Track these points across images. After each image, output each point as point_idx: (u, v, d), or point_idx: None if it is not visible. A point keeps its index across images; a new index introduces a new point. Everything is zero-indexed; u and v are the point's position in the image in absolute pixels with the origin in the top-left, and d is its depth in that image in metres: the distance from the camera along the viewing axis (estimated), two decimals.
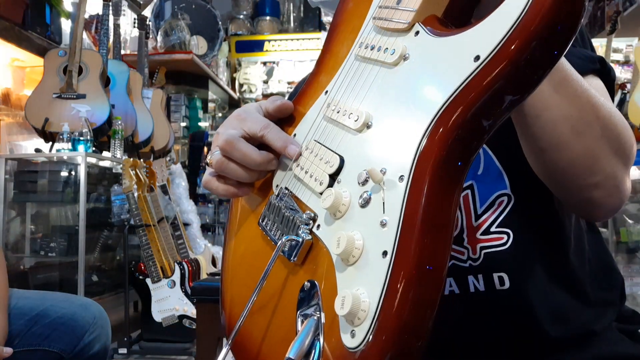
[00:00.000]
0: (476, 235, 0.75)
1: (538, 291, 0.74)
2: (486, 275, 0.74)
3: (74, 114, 2.88)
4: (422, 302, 0.47)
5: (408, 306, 0.46)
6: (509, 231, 0.74)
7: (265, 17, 5.98)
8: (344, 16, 0.71)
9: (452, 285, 0.75)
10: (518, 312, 0.74)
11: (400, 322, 0.46)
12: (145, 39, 3.91)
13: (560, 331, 0.74)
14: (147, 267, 2.95)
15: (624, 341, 0.77)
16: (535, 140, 0.66)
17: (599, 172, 0.67)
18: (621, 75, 4.56)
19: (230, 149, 0.65)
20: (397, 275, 0.47)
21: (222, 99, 5.89)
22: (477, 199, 0.75)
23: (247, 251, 0.72)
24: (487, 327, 0.75)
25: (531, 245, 0.75)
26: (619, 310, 0.81)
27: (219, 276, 1.43)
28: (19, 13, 3.07)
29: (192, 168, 4.99)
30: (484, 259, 0.74)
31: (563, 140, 0.64)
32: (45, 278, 2.94)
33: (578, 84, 0.64)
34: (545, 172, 0.70)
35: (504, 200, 0.75)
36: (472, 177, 0.75)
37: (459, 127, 0.49)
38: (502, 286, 0.74)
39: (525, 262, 0.74)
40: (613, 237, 3.44)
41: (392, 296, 0.47)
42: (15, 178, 2.91)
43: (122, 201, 3.14)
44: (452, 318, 0.73)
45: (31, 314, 1.47)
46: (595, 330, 0.76)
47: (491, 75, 0.47)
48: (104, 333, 1.56)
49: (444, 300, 0.72)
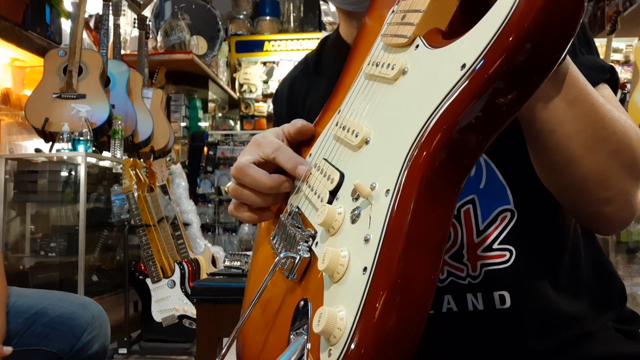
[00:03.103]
0: (477, 252, 0.73)
1: (540, 309, 0.73)
2: (486, 294, 0.72)
3: (74, 114, 2.88)
4: (402, 322, 0.44)
5: (385, 325, 0.43)
6: (511, 248, 0.72)
7: (265, 17, 5.98)
8: (361, 35, 0.71)
9: (450, 303, 0.73)
10: (517, 331, 0.72)
11: (376, 340, 0.43)
12: (145, 39, 3.91)
13: (555, 341, 0.73)
14: (147, 267, 2.95)
15: (619, 340, 0.76)
16: (548, 155, 0.65)
17: (611, 188, 0.66)
18: (621, 75, 4.56)
19: (241, 175, 0.66)
20: (374, 292, 0.44)
21: (222, 99, 5.89)
22: (479, 213, 0.73)
23: (261, 268, 0.73)
24: (484, 347, 0.73)
25: (534, 261, 0.73)
26: (619, 313, 0.80)
27: (219, 276, 1.43)
28: (19, 13, 3.07)
29: (192, 168, 4.99)
30: (484, 276, 0.72)
31: (577, 156, 0.63)
32: (45, 278, 2.94)
33: (594, 98, 0.63)
34: (558, 187, 0.69)
35: (506, 216, 0.73)
36: (474, 190, 0.73)
37: (447, 139, 0.46)
38: (503, 305, 0.72)
39: (528, 280, 0.72)
40: (613, 237, 3.43)
41: (369, 314, 0.44)
42: (15, 178, 2.91)
43: (122, 201, 3.14)
44: (449, 336, 0.73)
45: (30, 312, 1.47)
46: (590, 331, 0.75)
47: (477, 83, 0.44)
48: (103, 332, 1.56)
49: (442, 318, 0.73)
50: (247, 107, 6.15)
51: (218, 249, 3.80)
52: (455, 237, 0.73)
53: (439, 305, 0.73)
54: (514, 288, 0.72)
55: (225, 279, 1.36)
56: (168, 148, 3.78)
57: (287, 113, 0.95)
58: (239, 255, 1.49)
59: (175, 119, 4.70)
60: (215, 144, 5.12)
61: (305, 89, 0.94)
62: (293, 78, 0.98)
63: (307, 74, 0.95)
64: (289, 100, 0.96)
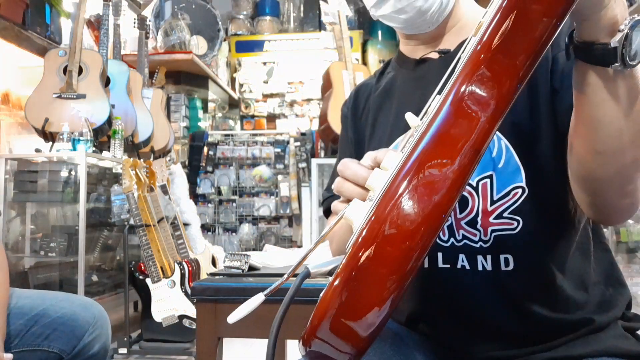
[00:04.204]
0: (489, 219, 0.83)
1: (539, 276, 0.82)
2: (494, 256, 0.83)
3: (74, 114, 2.88)
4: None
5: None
6: (519, 218, 0.82)
7: (265, 17, 5.99)
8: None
9: (464, 261, 0.84)
10: (519, 293, 0.82)
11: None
12: (145, 39, 3.91)
13: (558, 317, 0.81)
14: (147, 267, 2.95)
15: (629, 339, 0.82)
16: (597, 144, 0.68)
17: (634, 182, 0.71)
18: None
19: (344, 168, 0.71)
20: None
21: (222, 98, 5.89)
22: (495, 187, 0.83)
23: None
24: (493, 304, 0.83)
25: (537, 234, 0.82)
26: (623, 314, 0.86)
27: (219, 276, 1.43)
28: (19, 13, 3.07)
29: (192, 168, 4.99)
30: (493, 240, 0.83)
31: (622, 149, 0.67)
32: (45, 278, 2.94)
33: None
34: (592, 176, 0.72)
35: (518, 192, 0.82)
36: (493, 168, 0.83)
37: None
38: (507, 267, 0.82)
39: (530, 248, 0.82)
40: (613, 237, 3.44)
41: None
42: (15, 178, 2.91)
43: (122, 201, 3.14)
44: (462, 289, 0.84)
45: (31, 313, 1.47)
46: (599, 326, 0.82)
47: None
48: (104, 333, 1.56)
49: (457, 273, 0.84)
50: (247, 107, 6.15)
51: (218, 249, 3.80)
52: (472, 205, 0.84)
53: (455, 261, 0.85)
54: (517, 253, 0.82)
55: (225, 279, 1.36)
56: (168, 148, 3.78)
57: (352, 114, 1.06)
58: (239, 255, 1.49)
59: (175, 119, 4.70)
60: (215, 144, 5.12)
61: (368, 91, 1.05)
62: (361, 85, 1.09)
63: (373, 80, 1.06)
64: (354, 102, 1.07)
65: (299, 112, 6.05)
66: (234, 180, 5.09)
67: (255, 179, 5.08)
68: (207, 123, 5.34)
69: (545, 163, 0.81)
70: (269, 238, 5.03)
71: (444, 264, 0.85)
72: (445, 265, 0.85)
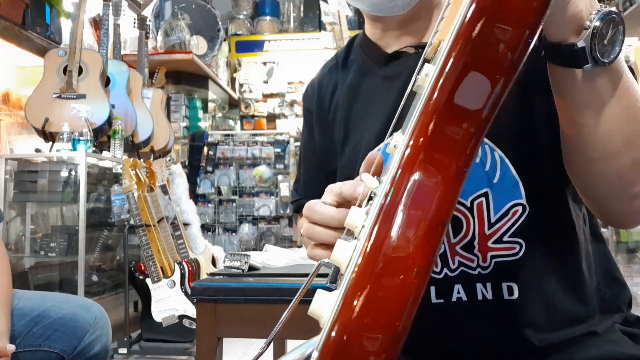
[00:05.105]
0: (487, 243, 0.74)
1: (546, 303, 0.74)
2: (495, 284, 0.74)
3: (74, 114, 2.88)
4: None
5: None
6: (521, 241, 0.74)
7: (265, 17, 5.99)
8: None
9: (459, 292, 0.75)
10: (522, 321, 0.74)
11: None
12: (145, 39, 3.91)
13: (561, 336, 0.75)
14: (147, 267, 2.95)
15: (627, 342, 0.77)
16: (587, 150, 0.64)
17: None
18: None
19: (310, 213, 0.64)
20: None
21: (222, 99, 5.89)
22: (492, 207, 0.74)
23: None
24: (493, 336, 0.75)
25: (543, 256, 0.74)
26: (625, 317, 0.81)
27: (219, 276, 1.43)
28: (19, 13, 3.07)
29: (192, 168, 4.99)
30: (494, 267, 0.74)
31: (616, 151, 0.62)
32: (45, 278, 2.94)
33: (637, 93, 0.62)
34: (592, 184, 0.68)
35: (518, 210, 0.74)
36: (488, 184, 0.74)
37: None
38: (511, 296, 0.74)
39: (536, 273, 0.74)
40: (613, 237, 3.44)
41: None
42: (15, 178, 2.91)
43: (122, 201, 3.14)
44: (459, 325, 0.75)
45: (32, 314, 1.47)
46: (597, 331, 0.76)
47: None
48: (105, 333, 1.56)
49: (452, 307, 0.75)
50: (247, 107, 6.15)
51: (218, 249, 3.80)
52: (467, 228, 0.74)
53: (449, 294, 0.76)
54: (522, 280, 0.73)
55: (225, 279, 1.36)
56: (168, 148, 3.78)
57: (316, 108, 0.96)
58: (239, 255, 1.49)
59: (175, 119, 4.70)
60: (215, 144, 5.13)
61: (333, 83, 0.95)
62: (322, 74, 0.99)
63: (336, 69, 0.96)
64: (318, 96, 0.97)
65: (299, 112, 6.05)
66: (234, 180, 5.09)
67: (255, 179, 5.08)
68: (207, 123, 5.34)
69: (545, 175, 0.73)
70: (269, 238, 5.03)
71: (438, 299, 0.76)
72: (438, 300, 0.76)
